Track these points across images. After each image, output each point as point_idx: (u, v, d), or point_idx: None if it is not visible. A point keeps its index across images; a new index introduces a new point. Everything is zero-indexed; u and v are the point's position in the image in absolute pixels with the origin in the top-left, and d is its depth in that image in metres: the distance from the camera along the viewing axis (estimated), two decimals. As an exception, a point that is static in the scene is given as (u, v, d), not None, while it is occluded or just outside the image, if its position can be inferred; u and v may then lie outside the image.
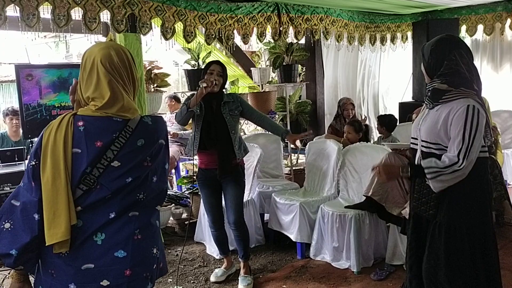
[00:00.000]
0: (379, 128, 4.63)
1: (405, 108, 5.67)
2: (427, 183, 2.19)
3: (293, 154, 5.46)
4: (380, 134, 4.71)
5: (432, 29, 5.57)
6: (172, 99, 6.46)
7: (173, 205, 4.90)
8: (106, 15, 3.83)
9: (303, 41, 5.63)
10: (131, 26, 3.88)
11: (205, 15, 4.36)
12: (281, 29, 4.94)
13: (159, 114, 5.30)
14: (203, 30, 4.46)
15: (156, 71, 5.03)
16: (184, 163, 5.86)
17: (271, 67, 5.69)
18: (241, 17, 4.62)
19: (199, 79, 3.39)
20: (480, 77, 2.19)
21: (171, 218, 4.94)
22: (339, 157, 4.13)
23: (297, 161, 5.72)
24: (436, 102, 2.17)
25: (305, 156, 4.68)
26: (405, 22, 6.26)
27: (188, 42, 4.35)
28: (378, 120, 4.79)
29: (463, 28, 6.13)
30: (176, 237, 4.66)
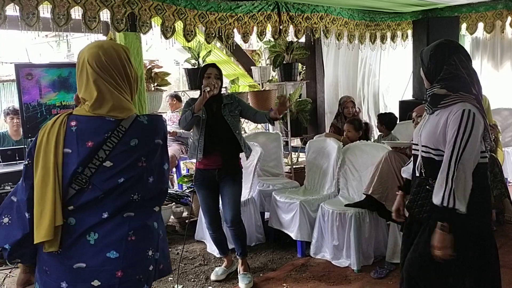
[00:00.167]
0: (379, 126, 4.63)
1: (405, 106, 5.65)
2: (427, 187, 2.17)
3: (293, 152, 5.47)
4: (380, 132, 4.71)
5: (432, 27, 5.55)
6: (173, 98, 6.46)
7: (174, 203, 4.91)
8: (106, 14, 3.83)
9: (303, 39, 5.62)
10: (131, 25, 3.89)
11: (205, 14, 4.36)
12: (281, 27, 4.93)
13: (160, 113, 5.30)
14: (203, 29, 4.46)
15: (156, 70, 5.02)
16: (184, 162, 5.86)
17: (271, 66, 5.68)
18: (241, 16, 4.62)
19: (199, 78, 3.41)
20: (479, 81, 2.18)
21: (172, 216, 4.95)
22: (339, 156, 4.13)
23: (297, 159, 5.72)
24: (435, 107, 2.17)
25: (305, 154, 4.69)
26: (405, 20, 6.24)
27: (188, 41, 4.36)
28: (378, 118, 4.79)
29: (464, 26, 6.11)
30: (176, 235, 4.67)
